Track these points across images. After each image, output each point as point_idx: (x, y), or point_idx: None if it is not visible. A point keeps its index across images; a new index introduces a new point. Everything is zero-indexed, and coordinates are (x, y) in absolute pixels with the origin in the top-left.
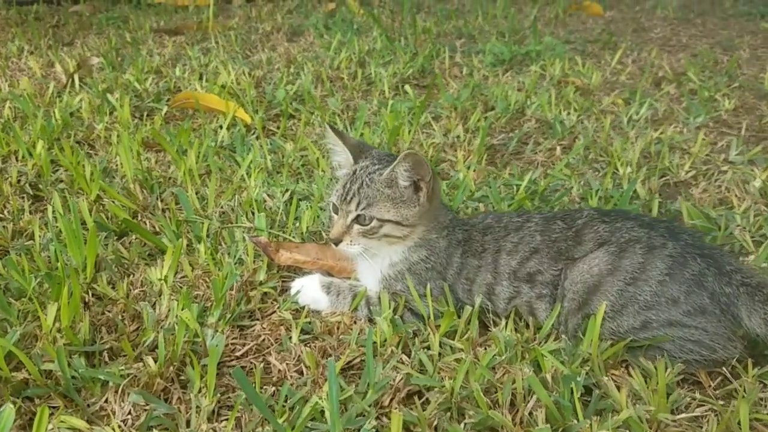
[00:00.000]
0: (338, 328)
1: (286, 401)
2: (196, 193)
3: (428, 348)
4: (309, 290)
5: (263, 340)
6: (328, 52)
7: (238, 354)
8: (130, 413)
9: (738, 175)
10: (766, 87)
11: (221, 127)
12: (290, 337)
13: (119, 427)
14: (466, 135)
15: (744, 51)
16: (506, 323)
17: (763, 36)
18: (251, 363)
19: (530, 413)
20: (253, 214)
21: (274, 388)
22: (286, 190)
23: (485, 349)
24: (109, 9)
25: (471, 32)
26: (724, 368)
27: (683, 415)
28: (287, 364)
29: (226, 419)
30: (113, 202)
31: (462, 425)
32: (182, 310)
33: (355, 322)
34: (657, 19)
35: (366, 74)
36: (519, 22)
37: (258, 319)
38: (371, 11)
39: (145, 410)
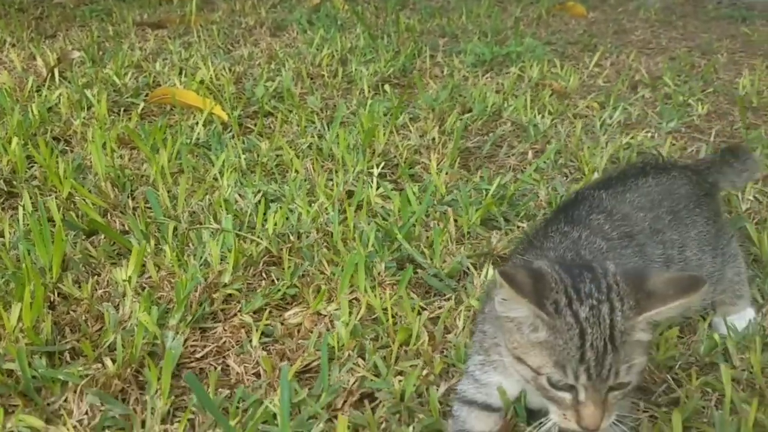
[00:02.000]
0: (299, 332)
1: (240, 404)
2: (168, 192)
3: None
4: None
5: (224, 342)
6: (310, 49)
7: (197, 356)
8: (86, 413)
9: None
10: (740, 92)
11: (197, 124)
12: (250, 341)
13: (74, 427)
14: (442, 137)
15: (722, 55)
16: (463, 328)
17: (742, 40)
18: (210, 365)
19: None
20: (223, 214)
21: (229, 391)
22: (258, 191)
23: (443, 353)
24: (94, 1)
25: (454, 31)
26: (668, 375)
27: None
28: (245, 366)
29: (180, 421)
30: (84, 200)
31: (410, 428)
32: (142, 312)
33: (315, 325)
34: (639, 21)
35: (347, 72)
36: (502, 21)
37: (220, 321)
38: (355, 8)
39: (101, 410)
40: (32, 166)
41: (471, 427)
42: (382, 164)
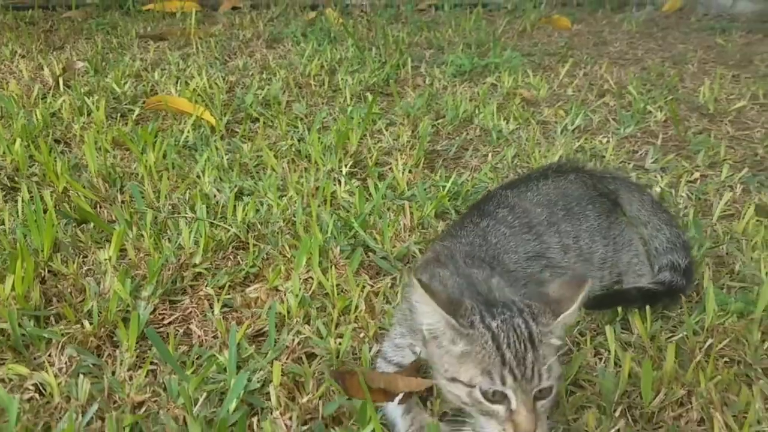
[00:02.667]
0: (255, 303)
1: (198, 359)
2: (154, 187)
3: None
4: None
5: (189, 312)
6: (302, 60)
7: (165, 322)
8: (65, 363)
9: (644, 180)
10: (700, 99)
11: (188, 129)
12: (212, 310)
13: (55, 375)
14: (412, 140)
15: (693, 65)
16: (400, 300)
17: (716, 51)
18: (175, 330)
19: None
20: (200, 205)
21: (188, 347)
22: (235, 186)
23: (380, 320)
24: (101, 15)
25: (441, 43)
26: (568, 339)
27: None
28: (205, 330)
29: (142, 366)
30: (77, 194)
31: None
32: (118, 283)
33: (270, 298)
34: (621, 33)
35: (334, 82)
36: (488, 34)
37: (188, 295)
38: (345, 22)
39: (77, 360)
40: (33, 165)
41: None
42: (353, 164)
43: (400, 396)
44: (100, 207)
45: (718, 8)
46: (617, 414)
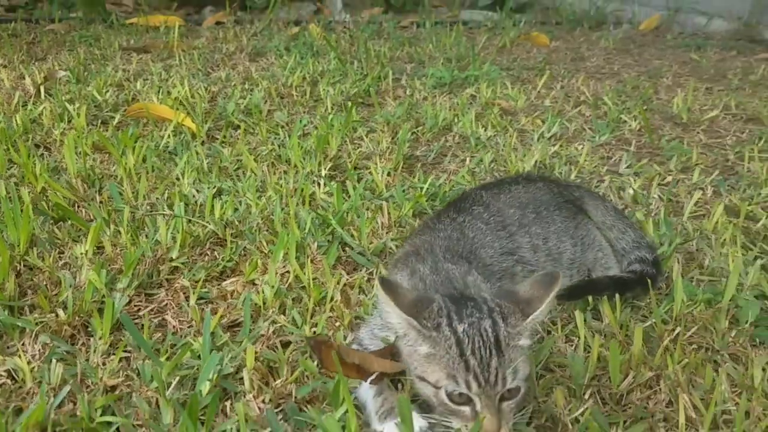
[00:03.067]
0: (232, 295)
1: (172, 347)
2: (133, 188)
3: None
4: None
5: (165, 304)
6: (284, 72)
7: (140, 314)
8: (38, 350)
9: (617, 183)
10: (674, 110)
11: (169, 135)
12: (188, 302)
13: (28, 362)
14: (392, 146)
15: (668, 78)
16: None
17: (691, 66)
18: (150, 320)
19: None
20: (178, 204)
21: (161, 334)
22: (215, 187)
23: (356, 310)
24: (84, 28)
25: (422, 58)
26: (539, 328)
27: None
28: (180, 320)
29: (115, 353)
30: (56, 193)
31: (315, 363)
32: (92, 273)
33: (245, 289)
34: (598, 50)
35: (316, 92)
36: (468, 50)
37: (164, 288)
38: (328, 36)
39: (50, 347)
40: (12, 167)
41: None
42: (333, 167)
43: (373, 376)
44: (79, 206)
45: (694, 27)
46: (587, 396)
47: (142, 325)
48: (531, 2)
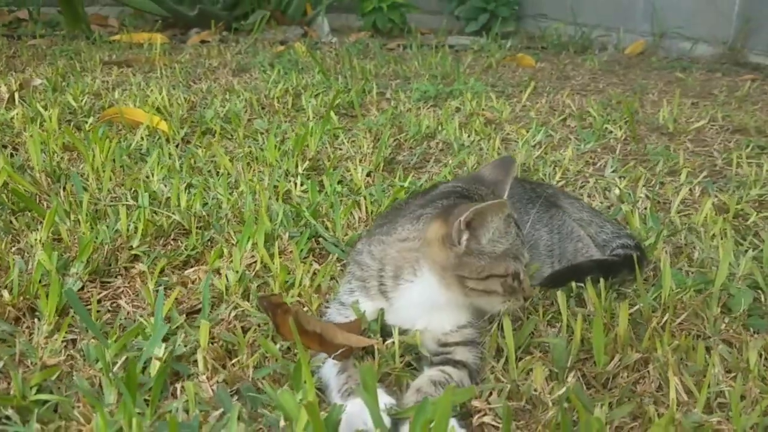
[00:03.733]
0: (193, 283)
1: (123, 330)
2: (99, 184)
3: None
4: None
5: (121, 291)
6: (267, 84)
7: (93, 299)
8: None
9: (602, 184)
10: (660, 120)
11: (142, 138)
12: (146, 286)
13: None
14: (373, 150)
15: (653, 95)
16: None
17: (677, 83)
18: (103, 305)
19: None
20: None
21: (113, 319)
22: (185, 183)
23: (326, 296)
24: (66, 43)
25: (407, 74)
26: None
27: None
28: (135, 305)
29: (64, 341)
30: (17, 185)
31: (277, 345)
32: (42, 254)
33: (204, 274)
34: (583, 70)
35: (298, 104)
36: (453, 68)
37: (122, 276)
38: (314, 52)
39: None
40: None
41: None
42: (311, 167)
43: (339, 351)
44: (41, 200)
45: (678, 52)
46: (570, 379)
47: (92, 309)
48: (517, 30)
